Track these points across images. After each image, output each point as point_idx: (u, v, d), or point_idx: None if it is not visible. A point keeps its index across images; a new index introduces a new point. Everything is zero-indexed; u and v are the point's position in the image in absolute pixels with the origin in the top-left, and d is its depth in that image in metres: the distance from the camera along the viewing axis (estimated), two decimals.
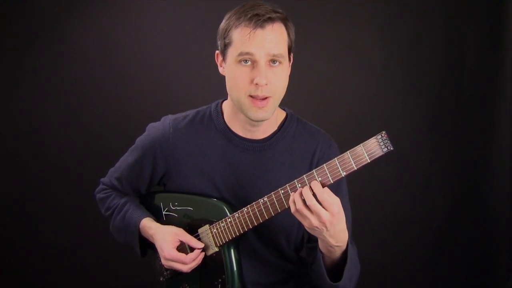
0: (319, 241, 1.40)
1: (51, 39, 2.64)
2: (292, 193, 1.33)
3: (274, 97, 1.44)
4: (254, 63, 1.41)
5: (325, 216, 1.28)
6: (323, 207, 1.28)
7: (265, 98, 1.43)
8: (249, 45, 1.40)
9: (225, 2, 2.40)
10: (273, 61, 1.41)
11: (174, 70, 2.69)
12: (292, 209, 1.32)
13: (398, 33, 2.67)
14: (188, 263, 1.51)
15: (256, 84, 1.40)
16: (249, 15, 1.40)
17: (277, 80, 1.43)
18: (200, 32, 2.64)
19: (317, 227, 1.30)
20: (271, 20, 1.40)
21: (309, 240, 1.60)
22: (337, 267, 1.43)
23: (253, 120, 1.47)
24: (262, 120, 1.47)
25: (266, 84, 1.41)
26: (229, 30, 1.44)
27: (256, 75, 1.40)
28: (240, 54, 1.41)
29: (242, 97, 1.44)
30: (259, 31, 1.39)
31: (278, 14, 1.42)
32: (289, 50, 1.47)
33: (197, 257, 1.52)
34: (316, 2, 2.64)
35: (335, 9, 2.66)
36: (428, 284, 2.76)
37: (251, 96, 1.43)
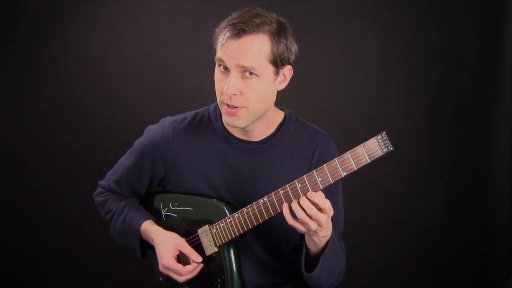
0: (306, 237, 1.44)
1: (51, 39, 2.64)
2: (285, 204, 1.35)
3: (248, 108, 1.42)
4: (229, 70, 1.40)
5: (324, 219, 1.33)
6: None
7: (237, 107, 1.41)
8: (221, 53, 1.39)
9: (225, 3, 2.42)
10: (249, 72, 1.39)
11: (173, 72, 2.68)
12: (290, 221, 1.35)
13: (398, 33, 2.67)
14: (184, 275, 1.52)
15: (225, 93, 1.40)
16: (231, 22, 1.39)
17: (250, 92, 1.40)
18: (199, 33, 2.61)
19: (315, 231, 1.35)
20: (245, 32, 1.36)
21: (300, 238, 1.60)
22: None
23: (229, 126, 1.48)
24: (237, 127, 1.47)
25: (235, 95, 1.39)
26: (216, 37, 1.44)
27: (225, 83, 1.39)
28: (216, 59, 1.42)
29: (219, 102, 1.45)
30: (231, 41, 1.37)
31: (263, 26, 1.38)
32: (274, 64, 1.41)
33: (194, 270, 1.53)
34: (316, 2, 2.64)
35: (335, 9, 2.66)
36: (427, 284, 2.77)
37: (225, 103, 1.42)
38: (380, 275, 2.72)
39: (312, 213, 1.31)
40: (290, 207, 1.35)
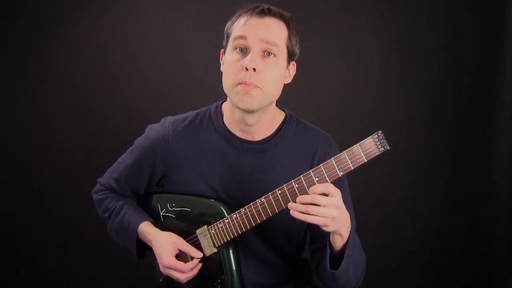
0: (331, 235, 1.41)
1: (51, 39, 2.64)
2: (292, 211, 1.32)
3: (263, 90, 1.42)
4: (247, 50, 1.42)
5: (337, 201, 1.30)
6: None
7: (253, 84, 1.42)
8: (244, 29, 1.42)
9: (226, 3, 2.42)
10: (268, 52, 1.42)
11: (174, 71, 2.69)
12: (309, 219, 1.30)
13: (398, 33, 2.67)
14: (186, 272, 1.51)
15: (246, 69, 1.40)
16: (251, 7, 1.45)
17: (267, 71, 1.42)
18: (200, 33, 2.64)
19: (337, 216, 1.31)
20: (270, 12, 1.44)
21: (312, 242, 1.60)
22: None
23: (240, 109, 1.46)
24: (248, 110, 1.45)
25: (255, 70, 1.40)
26: (232, 24, 1.47)
27: (246, 59, 1.41)
28: (235, 38, 1.43)
29: (231, 85, 1.44)
30: (255, 19, 1.43)
31: (282, 14, 1.46)
32: (288, 53, 1.47)
33: (195, 266, 1.53)
34: (316, 2, 2.64)
35: (335, 9, 2.66)
36: (427, 284, 2.76)
37: (240, 83, 1.42)
38: (380, 275, 2.71)
39: (318, 200, 1.29)
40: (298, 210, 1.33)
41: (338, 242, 1.42)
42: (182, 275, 1.51)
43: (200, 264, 1.53)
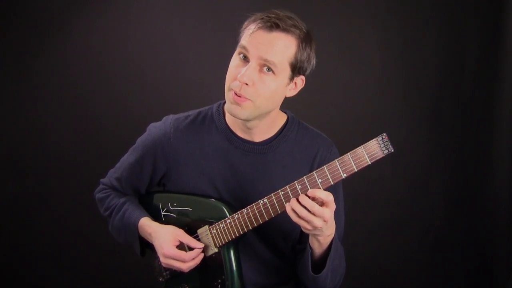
0: (310, 237, 1.43)
1: (51, 39, 2.63)
2: (288, 203, 1.34)
3: (254, 103, 1.41)
4: (248, 60, 1.41)
5: (328, 214, 1.31)
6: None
7: (243, 97, 1.41)
8: (247, 40, 1.40)
9: (226, 3, 2.43)
10: (267, 68, 1.40)
11: (175, 70, 2.68)
12: (295, 218, 1.34)
13: (398, 33, 2.67)
14: (188, 261, 1.50)
15: (239, 80, 1.39)
16: (264, 16, 1.41)
17: (262, 86, 1.40)
18: (201, 32, 2.63)
19: (321, 228, 1.33)
20: (278, 27, 1.39)
21: (300, 242, 1.60)
22: (323, 263, 1.46)
23: (230, 115, 1.46)
24: (238, 118, 1.45)
25: (247, 84, 1.39)
26: (245, 27, 1.45)
27: (242, 71, 1.40)
28: (239, 46, 1.42)
29: (227, 88, 1.44)
30: (261, 32, 1.39)
31: (295, 29, 1.41)
32: (292, 68, 1.44)
33: (197, 256, 1.52)
34: (316, 2, 2.64)
35: (336, 9, 2.66)
36: (428, 284, 2.77)
37: (232, 90, 1.42)
38: (380, 275, 2.72)
39: (315, 210, 1.30)
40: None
41: (315, 245, 1.44)
42: (183, 265, 1.50)
43: (202, 255, 1.53)
